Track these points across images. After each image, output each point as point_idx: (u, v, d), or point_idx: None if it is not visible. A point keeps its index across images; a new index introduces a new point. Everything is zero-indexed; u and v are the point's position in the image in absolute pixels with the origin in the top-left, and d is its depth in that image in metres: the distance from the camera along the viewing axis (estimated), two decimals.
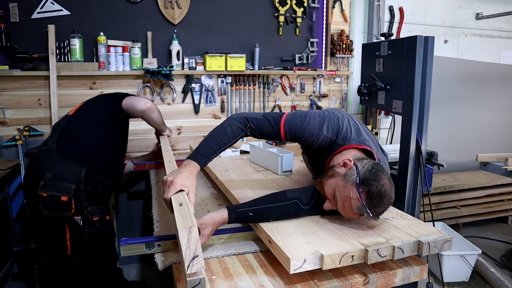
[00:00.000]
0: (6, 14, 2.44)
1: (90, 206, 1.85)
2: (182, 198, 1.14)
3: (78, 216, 1.82)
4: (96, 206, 1.88)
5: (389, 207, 1.22)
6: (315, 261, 1.03)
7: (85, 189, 1.84)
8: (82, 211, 1.83)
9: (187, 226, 0.93)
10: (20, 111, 2.56)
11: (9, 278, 2.56)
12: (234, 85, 3.00)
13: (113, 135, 2.07)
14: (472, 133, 3.86)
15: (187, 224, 0.94)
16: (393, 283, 1.13)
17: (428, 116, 2.09)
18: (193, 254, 0.91)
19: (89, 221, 1.85)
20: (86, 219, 1.84)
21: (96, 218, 1.87)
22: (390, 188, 1.20)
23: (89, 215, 1.84)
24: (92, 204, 1.86)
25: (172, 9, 2.77)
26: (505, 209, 3.57)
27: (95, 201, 1.88)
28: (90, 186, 1.86)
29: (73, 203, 1.79)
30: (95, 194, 1.89)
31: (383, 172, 1.22)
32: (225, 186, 1.70)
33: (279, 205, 1.29)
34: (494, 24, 3.86)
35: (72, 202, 1.79)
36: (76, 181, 1.82)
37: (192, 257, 0.90)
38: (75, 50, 2.55)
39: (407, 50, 2.06)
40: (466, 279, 2.66)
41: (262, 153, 2.09)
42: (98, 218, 1.87)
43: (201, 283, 0.93)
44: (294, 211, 1.31)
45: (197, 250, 0.91)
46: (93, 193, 1.87)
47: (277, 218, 1.28)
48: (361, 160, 1.25)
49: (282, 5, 3.04)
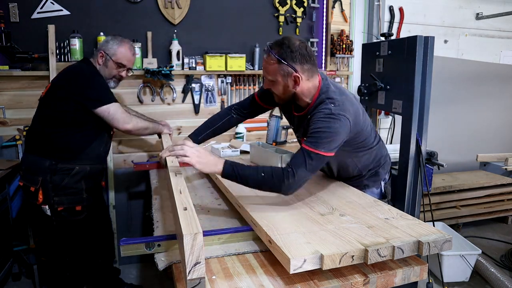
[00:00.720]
0: (6, 14, 2.44)
1: (57, 197, 1.94)
2: (186, 202, 1.14)
3: (45, 205, 1.94)
4: (63, 196, 1.95)
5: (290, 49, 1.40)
6: (315, 261, 1.03)
7: (51, 180, 1.93)
8: (50, 200, 1.94)
9: (192, 232, 0.92)
10: (20, 111, 2.56)
11: (9, 278, 2.56)
12: (234, 85, 3.00)
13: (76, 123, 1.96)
14: (472, 133, 3.86)
15: (193, 230, 0.94)
16: (393, 283, 1.13)
17: (428, 116, 2.09)
18: (196, 261, 0.91)
19: (54, 211, 1.94)
20: (52, 209, 1.94)
21: (61, 208, 1.94)
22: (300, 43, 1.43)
23: (55, 204, 1.94)
24: (59, 195, 1.94)
25: (172, 9, 2.77)
26: (505, 209, 3.57)
27: (62, 191, 1.95)
28: (56, 177, 1.94)
29: (40, 193, 1.92)
30: (60, 185, 1.94)
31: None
32: (225, 186, 1.70)
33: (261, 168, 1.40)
34: (494, 24, 3.85)
35: (40, 192, 1.92)
36: (42, 173, 1.93)
37: (194, 263, 0.90)
38: (75, 50, 2.55)
39: (407, 50, 2.06)
40: (466, 279, 2.66)
41: (262, 153, 2.09)
42: (63, 208, 1.95)
43: (201, 283, 0.93)
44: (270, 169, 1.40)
45: (199, 257, 0.92)
46: (58, 184, 1.94)
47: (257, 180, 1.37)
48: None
49: (282, 5, 3.04)
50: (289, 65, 1.41)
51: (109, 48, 2.05)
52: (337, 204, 1.46)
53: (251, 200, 1.48)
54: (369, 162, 1.77)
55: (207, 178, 2.13)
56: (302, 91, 1.49)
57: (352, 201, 1.50)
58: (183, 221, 0.99)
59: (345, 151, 1.58)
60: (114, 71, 2.08)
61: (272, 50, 1.42)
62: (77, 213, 2.00)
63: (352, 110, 1.46)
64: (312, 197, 1.55)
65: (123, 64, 2.08)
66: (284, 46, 1.40)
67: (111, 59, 2.05)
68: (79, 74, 1.99)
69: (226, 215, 1.58)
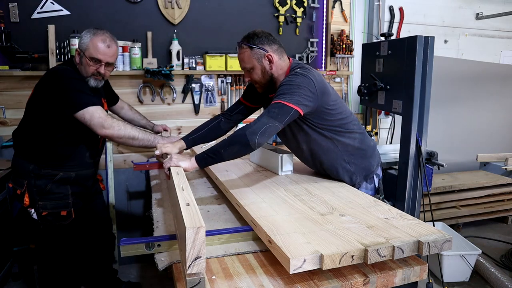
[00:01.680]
0: (6, 14, 2.44)
1: (42, 201, 1.90)
2: (189, 198, 1.15)
3: (31, 209, 1.91)
4: (47, 201, 1.91)
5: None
6: (315, 261, 1.03)
7: (35, 184, 1.89)
8: (35, 204, 1.90)
9: (195, 226, 0.93)
10: (20, 111, 2.52)
11: (9, 278, 2.56)
12: (234, 85, 3.00)
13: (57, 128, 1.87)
14: (472, 133, 3.86)
15: (195, 224, 0.94)
16: (393, 283, 1.13)
17: (428, 116, 2.09)
18: (197, 255, 0.91)
19: (39, 215, 1.91)
20: (37, 213, 1.91)
21: (45, 213, 1.90)
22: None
23: (39, 208, 1.90)
24: (43, 199, 1.90)
25: (172, 9, 2.77)
26: (505, 209, 3.57)
27: (46, 196, 1.91)
28: (40, 181, 1.90)
29: (26, 196, 1.89)
30: (45, 190, 1.90)
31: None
32: (225, 186, 1.70)
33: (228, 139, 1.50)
34: (494, 24, 3.85)
35: (26, 196, 1.89)
36: (27, 176, 1.90)
37: (195, 257, 0.90)
38: (75, 50, 2.54)
39: (407, 50, 2.06)
40: (466, 279, 2.66)
41: (262, 153, 2.09)
42: (47, 213, 1.91)
43: (201, 283, 0.93)
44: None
45: (201, 251, 0.92)
46: (42, 188, 1.90)
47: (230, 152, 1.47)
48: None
49: (282, 5, 3.04)
50: (260, 48, 1.63)
51: (82, 43, 1.83)
52: (337, 204, 1.46)
53: (251, 200, 1.48)
54: (354, 150, 1.75)
55: (207, 178, 2.13)
56: (277, 70, 1.66)
57: (352, 201, 1.50)
58: (186, 216, 1.00)
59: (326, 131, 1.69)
60: (90, 68, 1.83)
61: (242, 42, 1.66)
62: (62, 218, 1.93)
63: (318, 77, 1.60)
64: (312, 197, 1.55)
65: (98, 58, 1.82)
66: (250, 35, 1.65)
67: (84, 55, 1.82)
68: (55, 78, 1.82)
69: (226, 215, 1.58)
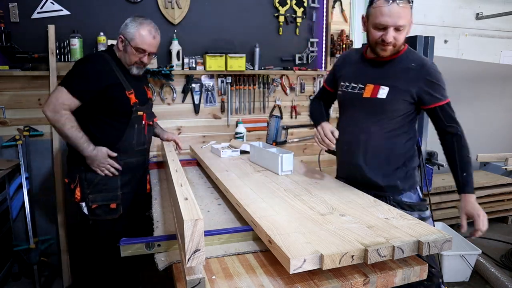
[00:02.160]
0: (6, 14, 2.44)
1: (92, 194, 1.91)
2: (187, 193, 1.15)
3: (82, 202, 1.91)
4: (97, 193, 1.91)
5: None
6: (315, 261, 1.03)
7: (85, 178, 1.90)
8: (85, 198, 1.91)
9: (193, 218, 0.93)
10: (20, 111, 2.57)
11: (9, 278, 2.56)
12: (234, 85, 3.00)
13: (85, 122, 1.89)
14: (472, 133, 3.84)
15: (193, 216, 0.94)
16: (393, 283, 1.13)
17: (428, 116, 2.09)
18: (196, 247, 0.91)
19: (89, 208, 1.91)
20: (88, 206, 1.91)
21: (95, 205, 1.90)
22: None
23: (89, 202, 1.90)
24: (94, 192, 1.91)
25: (172, 9, 2.77)
26: (505, 209, 3.57)
27: (96, 189, 1.91)
28: (90, 174, 1.90)
29: (78, 190, 1.90)
30: (94, 182, 1.91)
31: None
32: (225, 186, 1.70)
33: None
34: (494, 24, 3.86)
35: (77, 190, 1.90)
36: (78, 170, 1.91)
37: (194, 250, 0.90)
38: (75, 50, 2.55)
39: None
40: (466, 279, 2.66)
41: (262, 153, 2.09)
42: (97, 205, 1.91)
43: (201, 283, 0.93)
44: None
45: (199, 244, 0.91)
46: (92, 181, 1.91)
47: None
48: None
49: (282, 5, 3.04)
50: (411, 8, 1.49)
51: (127, 32, 1.86)
52: (337, 204, 1.45)
53: (251, 200, 1.48)
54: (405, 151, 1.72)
55: (207, 178, 2.13)
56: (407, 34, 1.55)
57: (352, 201, 1.50)
58: (184, 209, 1.00)
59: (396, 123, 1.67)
60: (134, 57, 1.89)
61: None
62: (111, 211, 1.93)
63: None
64: (312, 197, 1.55)
65: (143, 49, 1.88)
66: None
67: (130, 44, 1.86)
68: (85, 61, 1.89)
69: (226, 215, 1.58)
